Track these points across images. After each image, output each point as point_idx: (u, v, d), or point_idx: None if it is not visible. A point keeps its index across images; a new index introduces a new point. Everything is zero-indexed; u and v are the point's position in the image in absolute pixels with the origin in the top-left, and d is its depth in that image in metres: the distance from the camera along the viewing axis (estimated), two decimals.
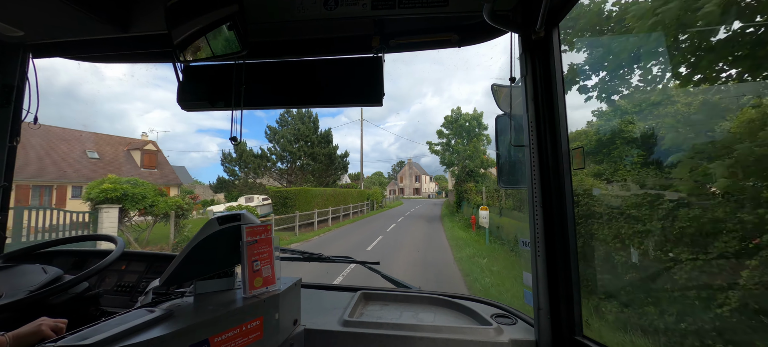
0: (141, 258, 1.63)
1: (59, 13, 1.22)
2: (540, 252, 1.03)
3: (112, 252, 1.29)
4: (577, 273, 1.01)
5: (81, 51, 1.50)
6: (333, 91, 1.35)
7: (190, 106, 1.42)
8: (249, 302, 0.93)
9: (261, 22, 1.27)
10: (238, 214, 1.00)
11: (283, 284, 1.06)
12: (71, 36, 1.41)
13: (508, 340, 1.08)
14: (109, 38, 1.40)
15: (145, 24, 1.33)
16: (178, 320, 0.82)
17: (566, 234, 1.01)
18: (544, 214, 1.03)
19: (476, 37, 1.29)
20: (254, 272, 0.97)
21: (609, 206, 4.05)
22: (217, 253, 1.00)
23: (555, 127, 1.03)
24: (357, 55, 1.34)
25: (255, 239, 0.97)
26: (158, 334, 0.75)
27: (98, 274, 1.35)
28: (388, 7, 1.18)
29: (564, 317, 1.00)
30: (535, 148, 1.05)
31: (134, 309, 0.90)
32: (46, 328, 0.85)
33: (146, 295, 1.05)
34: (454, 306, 1.35)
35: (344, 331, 1.15)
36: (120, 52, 1.50)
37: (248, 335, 0.91)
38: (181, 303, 0.93)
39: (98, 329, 0.76)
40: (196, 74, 1.43)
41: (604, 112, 5.55)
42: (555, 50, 1.03)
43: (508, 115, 1.23)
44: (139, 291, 1.47)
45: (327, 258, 1.64)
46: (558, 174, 1.02)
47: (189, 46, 1.15)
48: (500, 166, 1.30)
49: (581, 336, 0.98)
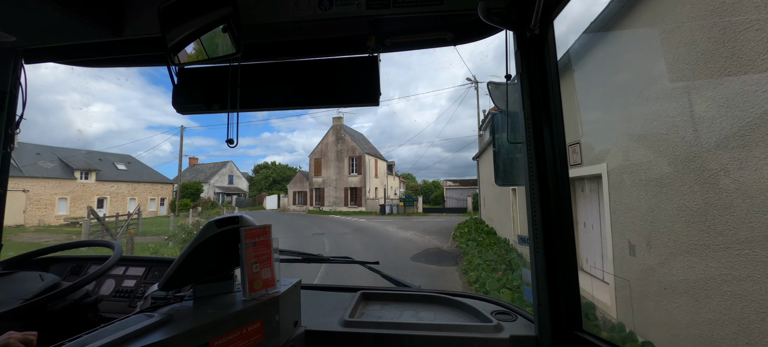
0: (139, 263, 1.62)
1: (52, 18, 1.21)
2: (539, 249, 1.04)
3: (110, 258, 1.28)
4: (575, 269, 1.01)
5: (74, 55, 1.49)
6: (329, 92, 1.35)
7: (186, 108, 1.41)
8: (249, 304, 0.93)
9: (255, 23, 1.26)
10: (237, 217, 1.00)
11: (283, 286, 1.05)
12: (64, 40, 1.40)
13: (508, 336, 1.08)
14: (103, 42, 1.39)
15: (139, 27, 1.32)
16: (177, 324, 0.82)
17: (565, 230, 1.01)
18: (543, 211, 1.03)
19: (471, 35, 1.29)
20: (254, 274, 0.96)
21: None
22: (216, 256, 1.00)
23: (551, 124, 1.03)
24: (352, 55, 1.34)
25: (254, 241, 0.97)
26: (158, 339, 0.75)
27: (96, 280, 1.34)
28: (383, 6, 1.18)
29: (564, 312, 1.01)
30: (532, 145, 1.06)
31: (133, 314, 0.89)
32: (15, 341, 0.81)
33: (145, 300, 1.04)
34: (454, 304, 1.35)
35: (345, 332, 1.15)
36: (113, 56, 1.49)
37: (249, 338, 0.91)
38: (180, 307, 0.92)
39: (97, 335, 0.76)
40: (190, 77, 1.42)
41: None
42: (550, 47, 1.04)
43: (505, 113, 1.23)
44: (138, 297, 1.47)
45: (326, 259, 1.64)
46: (555, 170, 1.03)
47: (183, 49, 1.14)
48: (497, 163, 1.30)
49: (581, 331, 0.98)
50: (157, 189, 35.71)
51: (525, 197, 1.09)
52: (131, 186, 32.82)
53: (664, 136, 3.00)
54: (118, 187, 31.46)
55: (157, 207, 35.29)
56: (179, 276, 0.94)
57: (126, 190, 32.21)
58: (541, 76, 1.05)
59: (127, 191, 32.32)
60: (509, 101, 1.21)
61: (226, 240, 0.97)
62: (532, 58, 1.06)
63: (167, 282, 0.93)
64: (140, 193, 33.57)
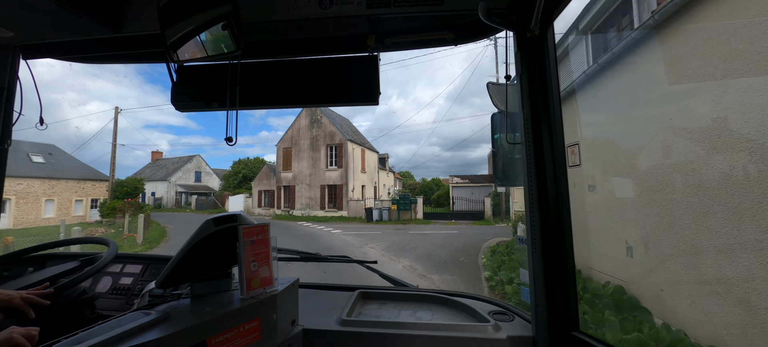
0: (137, 260, 1.61)
1: (50, 13, 1.20)
2: (537, 249, 1.04)
3: (105, 255, 1.28)
4: (573, 270, 1.01)
5: (72, 51, 1.48)
6: (329, 90, 1.34)
7: (185, 106, 1.41)
8: (246, 303, 0.93)
9: (255, 21, 1.26)
10: (235, 215, 0.99)
11: (281, 284, 1.05)
12: (62, 36, 1.39)
13: (505, 337, 1.08)
14: (101, 39, 1.39)
15: (138, 24, 1.31)
16: (175, 322, 0.82)
17: (563, 231, 1.02)
18: (541, 211, 1.04)
19: (471, 35, 1.29)
20: (252, 273, 0.96)
21: None
22: (214, 254, 0.99)
23: (551, 125, 1.04)
24: (352, 54, 1.34)
25: (252, 240, 0.97)
26: (155, 337, 0.74)
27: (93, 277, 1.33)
28: (384, 6, 1.18)
29: (561, 313, 1.01)
30: (532, 146, 1.06)
31: (130, 311, 0.89)
32: (18, 336, 0.82)
33: (142, 298, 1.04)
34: (452, 304, 1.35)
35: (342, 331, 1.15)
36: (112, 53, 1.48)
37: (246, 336, 0.91)
38: (177, 305, 0.92)
39: (94, 332, 0.75)
40: (190, 74, 1.41)
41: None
42: (550, 47, 1.04)
43: (504, 113, 1.23)
44: (135, 294, 1.46)
45: (324, 258, 1.64)
46: (554, 171, 1.03)
47: (182, 46, 1.14)
48: (496, 163, 1.30)
49: (578, 332, 0.99)
50: (85, 187, 27.60)
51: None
52: (49, 184, 25.13)
53: None
54: (29, 186, 23.90)
55: (85, 210, 27.02)
56: (177, 273, 0.94)
57: (41, 189, 24.65)
58: (540, 77, 1.05)
59: (43, 190, 24.76)
60: (509, 102, 1.21)
61: (224, 238, 0.97)
62: (531, 58, 1.06)
63: (165, 280, 0.93)
64: (62, 193, 25.81)
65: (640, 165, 3.94)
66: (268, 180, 28.79)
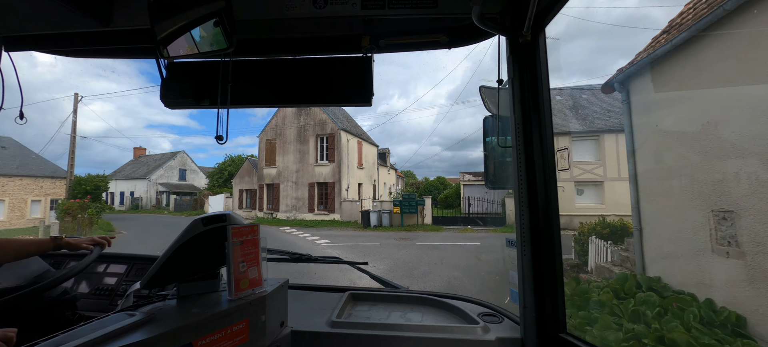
0: (121, 260, 1.57)
1: (34, 4, 1.17)
2: (526, 252, 1.05)
3: (90, 254, 1.24)
4: (561, 272, 1.03)
5: (58, 44, 1.44)
6: (321, 91, 1.34)
7: (175, 103, 1.38)
8: (234, 304, 0.91)
9: (248, 19, 1.25)
10: (224, 215, 0.98)
11: (270, 285, 1.04)
12: (48, 29, 1.35)
13: (494, 338, 1.09)
14: (89, 32, 1.35)
15: (127, 18, 1.28)
16: (160, 324, 0.80)
17: (551, 233, 1.03)
18: (531, 214, 1.05)
19: (465, 39, 1.30)
20: (240, 273, 0.95)
21: None
22: (202, 255, 0.98)
23: (541, 129, 1.05)
24: (346, 55, 1.34)
25: (241, 240, 0.95)
26: (139, 339, 0.73)
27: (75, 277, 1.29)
28: (378, 7, 1.18)
29: (549, 315, 1.02)
30: (522, 149, 1.07)
31: (114, 313, 0.87)
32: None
33: (126, 298, 1.02)
34: (442, 306, 1.36)
35: (332, 332, 1.14)
36: (100, 47, 1.45)
37: (233, 338, 0.90)
38: (163, 306, 0.90)
39: (75, 334, 0.73)
40: (180, 71, 1.39)
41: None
42: (541, 53, 1.06)
43: (496, 117, 1.25)
44: (119, 295, 1.43)
45: (315, 259, 1.63)
46: (544, 175, 1.05)
47: (173, 42, 1.12)
48: (487, 166, 1.32)
49: (565, 334, 1.00)
50: (43, 186, 24.31)
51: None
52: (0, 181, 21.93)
53: None
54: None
55: (43, 211, 23.75)
56: (162, 274, 0.92)
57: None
58: (532, 82, 1.07)
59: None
60: (500, 105, 1.22)
61: (213, 238, 0.95)
62: (523, 63, 1.08)
63: (150, 281, 0.91)
64: (14, 192, 22.69)
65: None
66: (250, 178, 25.02)
